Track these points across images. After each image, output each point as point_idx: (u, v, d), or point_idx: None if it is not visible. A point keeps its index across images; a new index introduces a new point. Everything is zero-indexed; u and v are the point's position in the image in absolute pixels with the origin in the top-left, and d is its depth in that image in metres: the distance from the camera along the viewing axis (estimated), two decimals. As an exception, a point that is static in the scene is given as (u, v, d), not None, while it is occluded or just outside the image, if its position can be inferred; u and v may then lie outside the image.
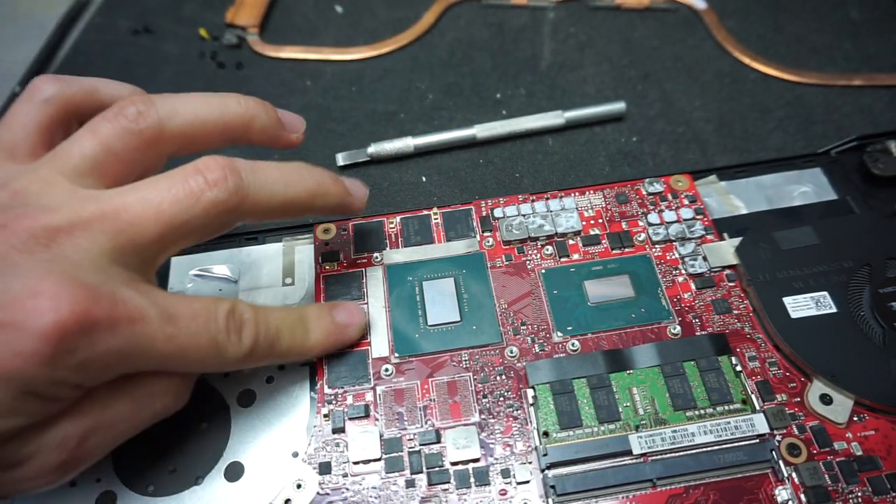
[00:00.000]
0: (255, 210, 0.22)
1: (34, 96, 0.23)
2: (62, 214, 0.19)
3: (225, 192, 0.21)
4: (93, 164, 0.21)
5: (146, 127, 0.22)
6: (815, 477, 0.23)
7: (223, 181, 0.21)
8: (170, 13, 0.46)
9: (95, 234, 0.19)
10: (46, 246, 0.19)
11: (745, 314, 0.27)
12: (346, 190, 0.25)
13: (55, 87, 0.23)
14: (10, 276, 0.18)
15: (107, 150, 0.21)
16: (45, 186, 0.20)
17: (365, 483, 0.24)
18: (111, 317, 0.19)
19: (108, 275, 0.19)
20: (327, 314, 0.26)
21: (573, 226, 0.30)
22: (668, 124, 0.37)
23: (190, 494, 0.24)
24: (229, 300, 0.22)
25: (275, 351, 0.24)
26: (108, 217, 0.20)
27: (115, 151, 0.21)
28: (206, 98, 0.23)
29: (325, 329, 0.25)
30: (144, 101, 0.22)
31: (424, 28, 0.44)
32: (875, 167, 0.31)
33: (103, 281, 0.19)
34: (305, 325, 0.25)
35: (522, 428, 0.25)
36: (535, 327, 0.27)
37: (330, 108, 0.40)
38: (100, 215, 0.20)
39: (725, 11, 0.44)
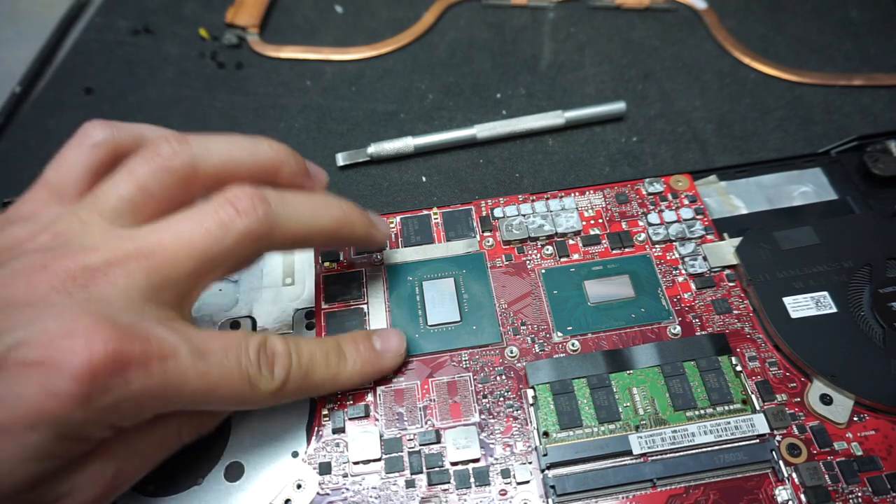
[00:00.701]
0: (284, 238, 0.23)
1: (84, 140, 0.23)
2: (100, 254, 0.20)
3: (255, 221, 0.21)
4: (130, 205, 0.21)
5: (180, 165, 0.22)
6: (815, 477, 0.23)
7: (252, 210, 0.21)
8: (170, 13, 0.46)
9: (131, 272, 0.20)
10: (84, 286, 0.19)
11: (745, 314, 0.27)
12: (370, 222, 0.26)
13: (105, 133, 0.23)
14: (48, 316, 0.18)
15: (143, 190, 0.22)
16: (84, 227, 0.21)
17: (365, 483, 0.24)
18: (144, 355, 0.19)
19: (142, 313, 0.20)
20: (365, 340, 0.25)
21: (573, 226, 0.30)
22: (668, 124, 0.37)
23: (190, 494, 0.24)
24: (261, 334, 0.23)
25: (309, 382, 0.23)
26: (144, 255, 0.20)
27: (151, 191, 0.22)
28: (239, 140, 0.24)
29: (362, 356, 0.25)
30: (179, 140, 0.22)
31: (424, 28, 0.44)
32: (875, 167, 0.31)
33: (137, 320, 0.19)
34: (341, 353, 0.25)
35: (522, 428, 0.25)
36: (535, 327, 0.27)
37: (330, 108, 0.40)
38: (136, 254, 0.20)
39: (725, 11, 0.44)
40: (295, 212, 0.23)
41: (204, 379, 0.20)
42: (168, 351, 0.19)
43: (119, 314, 0.19)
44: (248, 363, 0.21)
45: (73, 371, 0.17)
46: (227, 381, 0.21)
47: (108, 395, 0.18)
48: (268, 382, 0.22)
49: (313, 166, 0.26)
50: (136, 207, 0.22)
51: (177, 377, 0.19)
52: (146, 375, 0.19)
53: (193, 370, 0.20)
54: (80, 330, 0.18)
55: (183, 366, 0.20)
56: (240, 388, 0.21)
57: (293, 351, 0.23)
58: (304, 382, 0.23)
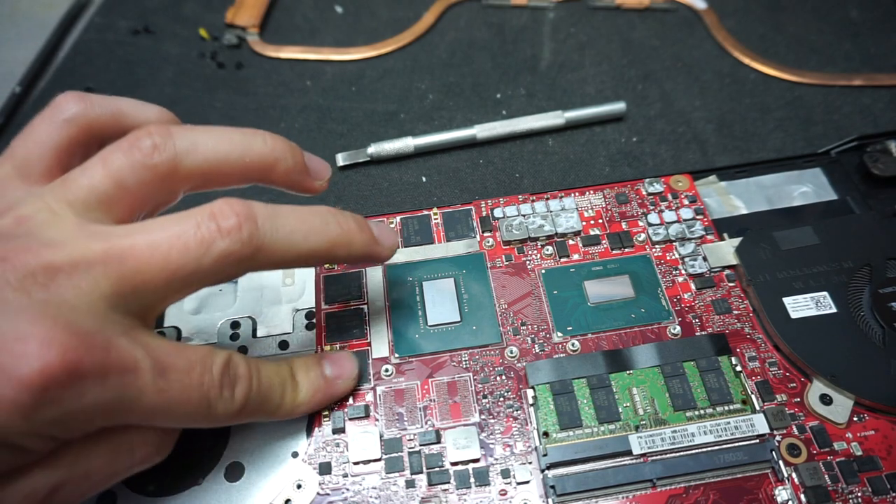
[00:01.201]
0: (269, 261, 0.21)
1: (56, 114, 0.21)
2: (65, 252, 0.18)
3: (238, 242, 0.20)
4: (102, 198, 0.20)
5: (161, 162, 0.20)
6: (815, 477, 0.23)
7: (237, 231, 0.20)
8: (170, 13, 0.46)
9: (97, 276, 0.18)
10: (44, 286, 0.18)
11: (745, 314, 0.27)
12: (372, 238, 0.24)
13: (79, 107, 0.22)
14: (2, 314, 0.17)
15: (118, 183, 0.20)
16: (51, 217, 0.19)
17: (365, 483, 0.24)
18: (102, 367, 0.17)
19: (105, 321, 0.18)
20: (315, 367, 0.24)
21: (573, 226, 0.30)
22: (668, 124, 0.37)
23: (190, 494, 0.24)
24: (226, 352, 0.21)
25: (264, 408, 0.22)
26: (113, 260, 0.18)
27: (127, 186, 0.20)
28: (230, 134, 0.22)
29: (313, 385, 0.24)
30: (162, 134, 0.21)
31: (424, 28, 0.44)
32: (875, 167, 0.31)
33: (99, 328, 0.18)
34: (294, 382, 0.24)
35: (522, 428, 0.25)
36: (535, 327, 0.27)
37: (330, 108, 0.40)
38: (104, 257, 0.18)
39: (725, 11, 0.44)
40: (284, 232, 0.21)
41: (161, 396, 0.19)
42: (129, 364, 0.18)
43: (80, 320, 0.17)
44: (211, 383, 0.20)
45: (21, 379, 0.16)
46: (186, 400, 0.19)
47: (55, 407, 0.17)
48: (227, 404, 0.21)
49: (315, 159, 0.24)
50: (109, 202, 0.20)
51: (133, 392, 0.18)
52: (101, 390, 0.17)
53: (153, 386, 0.19)
54: (35, 334, 0.16)
55: (142, 381, 0.18)
56: (197, 408, 0.20)
57: (254, 374, 0.22)
58: (258, 408, 0.22)
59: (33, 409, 0.16)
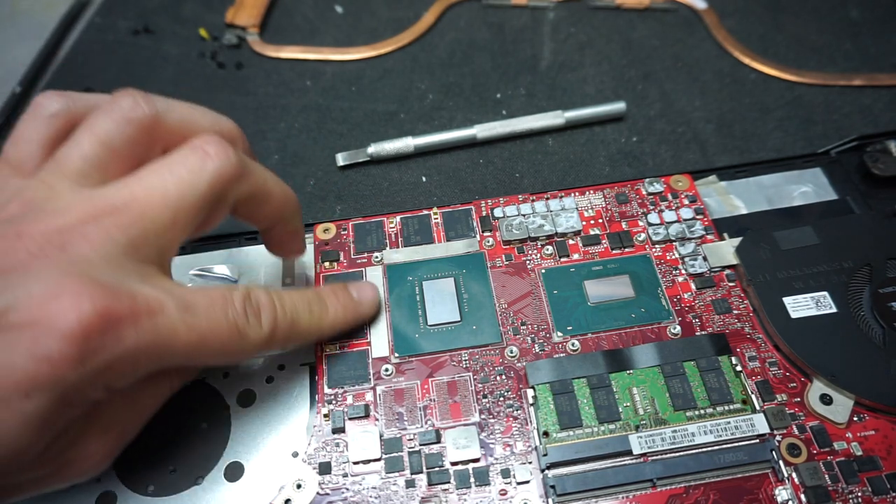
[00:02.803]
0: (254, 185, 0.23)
1: (39, 112, 0.23)
2: (73, 214, 0.19)
3: (227, 162, 0.22)
4: (94, 163, 0.21)
5: (143, 115, 0.22)
6: (815, 477, 0.23)
7: (223, 151, 0.22)
8: (170, 13, 0.46)
9: (108, 228, 0.20)
10: (61, 248, 0.19)
11: (745, 314, 0.27)
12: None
13: (60, 103, 0.23)
14: (31, 281, 0.18)
15: (105, 145, 0.21)
16: (52, 191, 0.20)
17: (365, 483, 0.24)
18: (133, 311, 0.19)
19: (124, 271, 0.19)
20: (342, 290, 0.26)
21: (573, 226, 0.30)
22: (668, 124, 0.37)
23: (190, 494, 0.24)
24: (243, 286, 0.23)
25: (295, 331, 0.24)
26: (118, 210, 0.20)
27: (114, 146, 0.21)
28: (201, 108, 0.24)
29: (342, 304, 0.26)
30: (140, 94, 0.22)
31: (424, 28, 0.44)
32: (875, 167, 0.31)
33: (120, 277, 0.19)
34: (322, 302, 0.25)
35: (522, 428, 0.25)
36: (535, 327, 0.27)
37: (330, 108, 0.40)
38: (109, 210, 0.20)
39: (725, 11, 0.44)
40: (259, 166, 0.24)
41: (193, 332, 0.20)
42: (155, 306, 0.19)
43: (102, 273, 0.19)
44: (236, 314, 0.21)
45: (64, 332, 0.17)
46: (217, 333, 0.21)
47: (101, 354, 0.18)
48: (256, 331, 0.22)
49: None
50: (102, 165, 0.21)
51: (167, 331, 0.19)
52: (137, 332, 0.18)
53: (182, 324, 0.20)
54: (66, 291, 0.18)
55: (172, 320, 0.19)
56: (230, 339, 0.21)
57: (276, 301, 0.23)
58: (290, 331, 0.23)
59: (82, 360, 0.17)
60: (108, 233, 0.19)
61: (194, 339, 0.20)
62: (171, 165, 0.21)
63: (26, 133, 0.22)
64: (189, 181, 0.21)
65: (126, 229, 0.20)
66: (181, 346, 0.20)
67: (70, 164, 0.21)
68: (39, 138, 0.22)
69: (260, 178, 0.23)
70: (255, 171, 0.23)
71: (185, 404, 0.26)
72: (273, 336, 0.23)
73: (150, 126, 0.22)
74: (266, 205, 0.24)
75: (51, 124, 0.22)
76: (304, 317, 0.24)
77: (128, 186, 0.21)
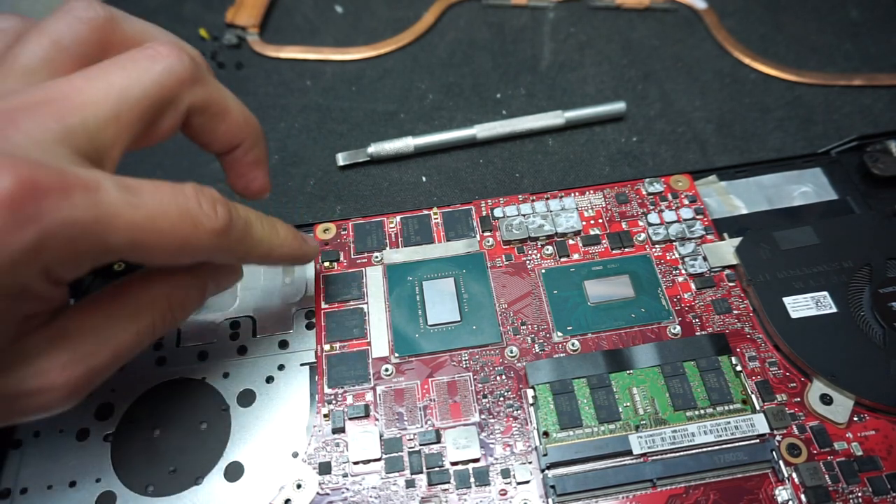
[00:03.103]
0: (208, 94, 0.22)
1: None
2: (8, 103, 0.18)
3: (178, 62, 0.21)
4: (42, 60, 0.20)
5: (95, 16, 0.21)
6: (816, 477, 0.23)
7: (177, 53, 0.21)
8: (170, 13, 0.46)
9: (44, 118, 0.18)
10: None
11: (745, 314, 0.27)
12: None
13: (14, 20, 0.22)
14: None
15: (56, 44, 0.21)
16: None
17: (365, 483, 0.24)
18: (62, 184, 0.17)
19: (56, 154, 0.18)
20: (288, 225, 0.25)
21: (573, 226, 0.30)
22: (668, 124, 0.37)
23: (190, 494, 0.24)
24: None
25: (249, 237, 0.22)
26: (56, 101, 0.19)
27: (65, 45, 0.21)
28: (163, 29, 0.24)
29: (289, 231, 0.25)
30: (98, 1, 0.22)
31: (424, 28, 0.44)
32: (875, 167, 0.31)
33: (49, 158, 0.18)
34: (272, 222, 0.24)
35: (522, 428, 0.25)
36: (535, 327, 0.27)
37: (330, 108, 0.40)
38: (47, 100, 0.19)
39: (725, 11, 0.44)
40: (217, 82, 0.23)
41: (138, 212, 0.18)
42: (90, 184, 0.18)
43: (31, 154, 0.18)
44: (186, 199, 0.20)
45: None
46: (165, 216, 0.19)
47: (31, 226, 0.17)
48: (211, 219, 0.20)
49: None
50: (50, 62, 0.20)
51: (106, 209, 0.18)
52: (70, 206, 0.17)
53: (125, 203, 0.18)
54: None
55: (111, 198, 0.18)
56: (181, 227, 0.20)
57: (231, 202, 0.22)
58: (245, 234, 0.22)
59: (8, 233, 0.16)
60: (43, 121, 0.18)
61: (139, 221, 0.19)
62: (118, 61, 0.20)
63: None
64: (136, 76, 0.20)
65: (62, 118, 0.19)
66: (123, 225, 0.18)
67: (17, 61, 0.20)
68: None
69: (215, 89, 0.22)
70: (212, 82, 0.22)
71: (185, 404, 0.26)
72: (227, 231, 0.21)
73: (103, 27, 0.21)
74: (222, 122, 0.23)
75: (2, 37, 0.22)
76: (257, 227, 0.23)
77: (70, 80, 0.20)
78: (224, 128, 0.24)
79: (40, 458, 0.25)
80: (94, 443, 0.25)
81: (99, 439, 0.25)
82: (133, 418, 0.26)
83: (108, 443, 0.25)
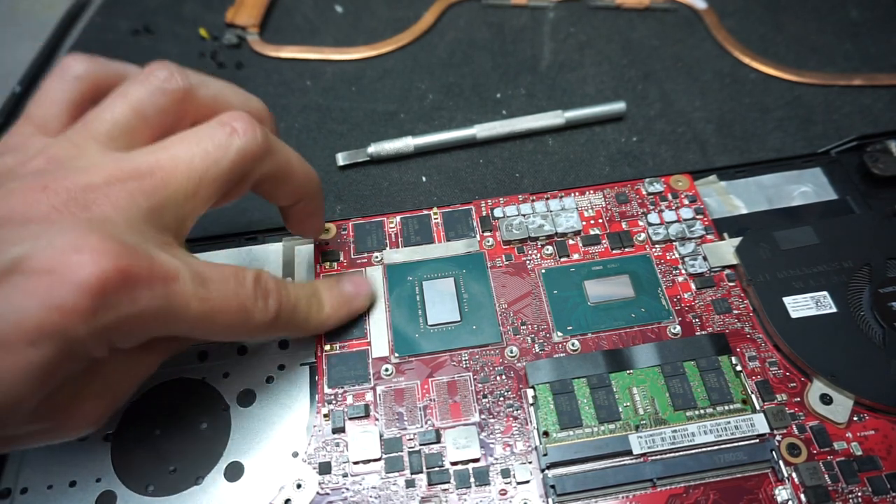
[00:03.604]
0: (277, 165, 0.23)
1: (66, 73, 0.23)
2: (98, 174, 0.19)
3: (253, 140, 0.22)
4: (124, 128, 0.21)
5: (177, 88, 0.22)
6: (815, 477, 0.23)
7: (251, 130, 0.22)
8: (170, 13, 0.46)
9: (132, 192, 0.20)
10: (85, 206, 0.19)
11: (745, 314, 0.27)
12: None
13: (86, 66, 0.23)
14: (54, 232, 0.18)
15: (137, 112, 0.21)
16: (79, 150, 0.20)
17: (365, 483, 0.24)
18: (150, 274, 0.19)
19: (144, 235, 0.20)
20: (335, 286, 0.27)
21: (573, 226, 0.30)
22: (668, 124, 0.37)
23: (190, 494, 0.24)
24: (255, 269, 0.23)
25: (294, 320, 0.24)
26: (143, 175, 0.20)
27: (146, 114, 0.22)
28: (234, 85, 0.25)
29: (336, 300, 0.26)
30: (175, 66, 0.23)
31: (424, 28, 0.44)
32: (875, 167, 0.31)
33: (141, 241, 0.19)
34: (319, 298, 0.26)
35: (522, 428, 0.25)
36: (535, 327, 0.27)
37: (330, 108, 0.40)
38: (135, 173, 0.20)
39: (725, 11, 0.44)
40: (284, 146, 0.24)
41: (205, 304, 0.20)
42: (172, 273, 0.19)
43: (124, 234, 0.19)
44: (246, 294, 0.22)
45: (81, 284, 0.17)
46: (226, 309, 0.21)
47: (112, 311, 0.18)
48: (262, 314, 0.22)
49: None
50: (131, 131, 0.21)
51: (180, 300, 0.19)
52: (151, 296, 0.19)
53: (195, 295, 0.20)
54: (88, 245, 0.18)
55: (185, 289, 0.20)
56: (237, 317, 0.21)
57: (282, 289, 0.24)
58: (291, 318, 0.24)
59: (93, 313, 0.17)
60: (132, 196, 0.20)
61: (204, 311, 0.20)
62: (198, 137, 0.21)
63: (52, 93, 0.22)
64: (214, 155, 0.21)
65: (149, 195, 0.20)
66: (191, 316, 0.20)
67: (99, 127, 0.21)
68: (65, 99, 0.22)
69: (284, 157, 0.24)
70: (280, 150, 0.23)
71: (185, 404, 0.26)
72: (276, 320, 0.23)
73: (183, 98, 0.22)
74: (287, 184, 0.24)
75: (77, 86, 0.23)
76: (303, 308, 0.25)
77: (154, 153, 0.21)
78: (288, 189, 0.25)
79: (40, 458, 0.25)
80: (94, 443, 0.25)
81: (99, 439, 0.25)
82: (133, 418, 0.26)
83: (108, 443, 0.25)
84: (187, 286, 0.20)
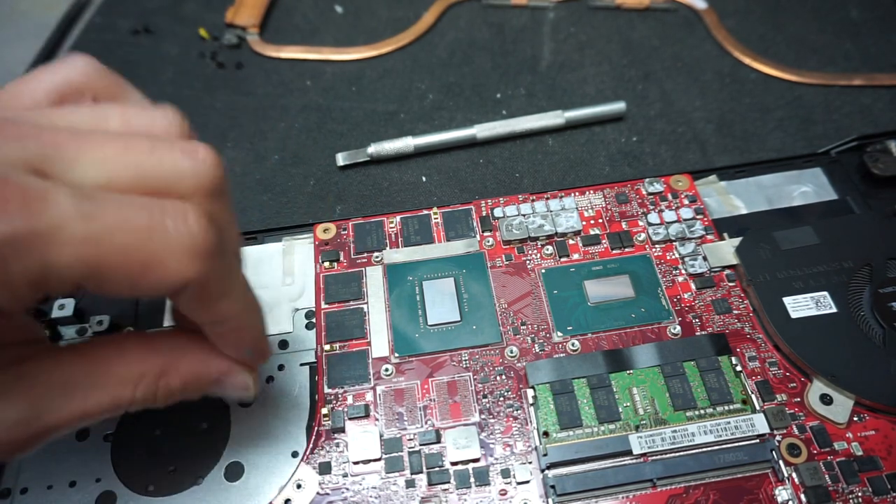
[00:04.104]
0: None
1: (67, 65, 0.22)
2: None
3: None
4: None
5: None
6: (816, 477, 0.23)
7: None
8: (170, 13, 0.46)
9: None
10: None
11: (745, 314, 0.27)
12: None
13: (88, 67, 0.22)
14: None
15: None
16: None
17: (365, 483, 0.24)
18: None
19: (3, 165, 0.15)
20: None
21: (573, 226, 0.30)
22: (668, 124, 0.37)
23: (190, 494, 0.24)
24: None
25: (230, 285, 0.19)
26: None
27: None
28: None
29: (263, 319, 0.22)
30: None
31: (424, 28, 0.44)
32: (875, 167, 0.31)
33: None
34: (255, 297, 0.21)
35: (522, 428, 0.25)
36: (535, 327, 0.27)
37: (330, 108, 0.40)
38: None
39: (725, 11, 0.44)
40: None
41: (92, 223, 0.15)
42: (34, 193, 0.15)
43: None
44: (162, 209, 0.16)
45: None
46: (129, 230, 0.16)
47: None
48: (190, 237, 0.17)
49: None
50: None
51: (49, 220, 0.15)
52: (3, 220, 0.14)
53: (76, 212, 0.15)
54: None
55: (59, 209, 0.15)
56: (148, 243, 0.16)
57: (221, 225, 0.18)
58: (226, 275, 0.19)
59: None
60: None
61: (93, 231, 0.15)
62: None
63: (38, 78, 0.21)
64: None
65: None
66: (69, 239, 0.15)
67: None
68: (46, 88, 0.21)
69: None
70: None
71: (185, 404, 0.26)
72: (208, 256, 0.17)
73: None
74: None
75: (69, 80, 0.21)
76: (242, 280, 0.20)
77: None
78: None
79: (40, 458, 0.25)
80: (94, 443, 0.25)
81: (99, 439, 0.25)
82: (133, 418, 0.26)
83: (108, 443, 0.25)
84: (62, 204, 0.15)
